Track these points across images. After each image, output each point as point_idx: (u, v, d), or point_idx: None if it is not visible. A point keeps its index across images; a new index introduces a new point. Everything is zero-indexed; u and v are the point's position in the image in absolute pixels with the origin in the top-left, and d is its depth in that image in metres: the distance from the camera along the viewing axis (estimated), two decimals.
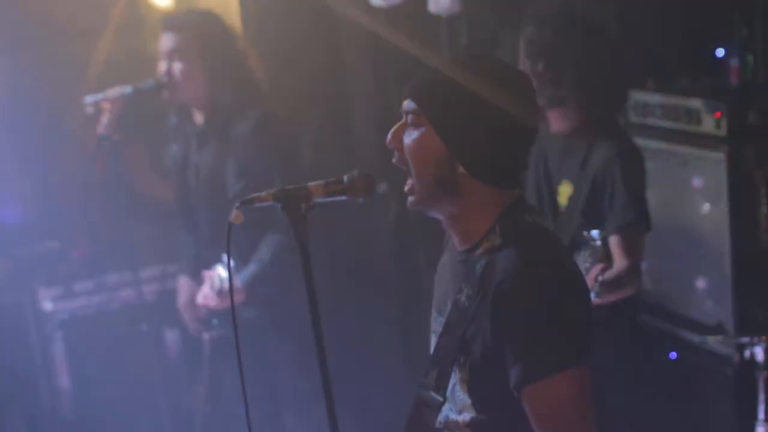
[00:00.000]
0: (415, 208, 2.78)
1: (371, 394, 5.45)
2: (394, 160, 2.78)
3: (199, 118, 4.78)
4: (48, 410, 5.59)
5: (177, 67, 4.64)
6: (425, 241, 5.48)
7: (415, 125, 2.72)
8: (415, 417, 2.88)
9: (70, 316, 5.52)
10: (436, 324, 2.89)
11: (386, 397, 5.32)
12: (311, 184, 2.71)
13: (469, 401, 2.73)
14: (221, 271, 4.53)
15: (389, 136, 2.76)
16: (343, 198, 2.73)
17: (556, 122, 4.06)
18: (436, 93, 2.71)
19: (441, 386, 2.79)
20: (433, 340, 2.88)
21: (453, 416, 2.78)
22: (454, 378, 2.75)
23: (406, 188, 2.77)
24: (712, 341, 4.20)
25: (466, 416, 2.75)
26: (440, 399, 2.78)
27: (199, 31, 4.66)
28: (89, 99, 4.82)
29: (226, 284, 4.50)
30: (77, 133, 5.39)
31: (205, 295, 4.62)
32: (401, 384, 5.18)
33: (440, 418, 2.81)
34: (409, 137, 2.73)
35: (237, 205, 2.69)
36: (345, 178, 2.73)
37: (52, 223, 5.80)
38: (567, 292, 2.64)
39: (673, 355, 4.43)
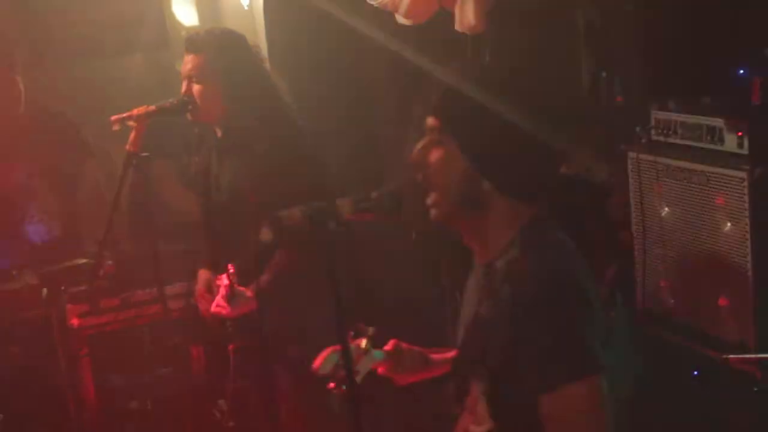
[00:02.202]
0: (438, 222, 2.81)
1: (393, 410, 5.46)
2: (417, 178, 2.81)
3: (219, 132, 4.84)
4: (75, 425, 5.62)
5: (196, 89, 4.69)
6: (447, 260, 5.50)
7: (440, 143, 2.75)
8: (434, 428, 2.92)
9: (97, 332, 5.56)
10: (458, 339, 2.92)
11: (408, 412, 5.33)
12: (339, 201, 2.74)
13: (488, 412, 2.76)
14: (226, 281, 4.58)
15: (414, 154, 2.78)
16: (371, 216, 2.76)
17: None
18: (459, 110, 2.73)
19: (459, 397, 2.82)
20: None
21: (472, 428, 2.82)
22: (475, 390, 2.78)
23: (429, 201, 2.79)
24: (735, 359, 4.20)
25: (485, 427, 2.78)
26: (457, 410, 2.82)
27: (218, 53, 4.69)
28: (115, 117, 4.86)
29: (232, 292, 4.55)
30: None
31: (218, 305, 4.65)
32: (422, 400, 5.20)
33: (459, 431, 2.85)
34: (435, 155, 2.75)
35: (266, 223, 2.72)
36: (373, 195, 2.76)
37: (79, 239, 5.85)
38: (584, 304, 2.67)
39: (695, 372, 4.43)
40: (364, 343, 3.19)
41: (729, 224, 4.24)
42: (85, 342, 5.59)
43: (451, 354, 3.23)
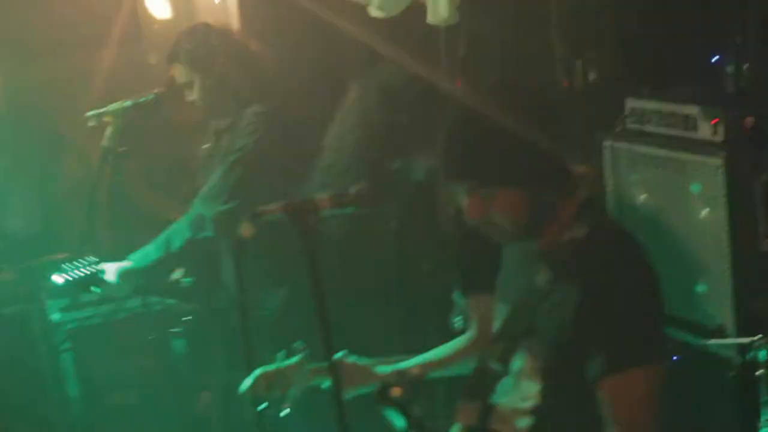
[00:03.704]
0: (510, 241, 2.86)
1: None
2: (483, 232, 2.81)
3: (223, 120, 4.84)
4: (57, 419, 5.62)
5: (206, 90, 4.66)
6: (427, 248, 5.52)
7: (487, 194, 2.73)
8: (471, 385, 2.94)
9: (78, 326, 5.56)
10: (500, 312, 2.96)
11: None
12: (318, 196, 2.75)
13: (537, 389, 2.78)
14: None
15: (470, 219, 2.77)
16: (350, 210, 2.77)
17: None
18: (483, 159, 2.71)
19: (504, 359, 2.84)
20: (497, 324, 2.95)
21: (515, 403, 2.84)
22: (521, 363, 2.80)
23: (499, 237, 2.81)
24: (714, 344, 4.24)
25: (530, 403, 2.80)
26: (501, 369, 2.84)
27: (216, 52, 4.69)
28: (91, 113, 4.84)
29: None
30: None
31: None
32: None
33: (503, 401, 2.87)
34: (494, 207, 2.73)
35: (247, 218, 2.74)
36: (352, 189, 2.78)
37: (59, 234, 5.85)
38: (655, 290, 2.74)
39: (674, 357, 4.47)
40: (295, 360, 3.21)
41: (705, 210, 4.27)
42: (66, 336, 5.60)
43: (406, 365, 3.27)
